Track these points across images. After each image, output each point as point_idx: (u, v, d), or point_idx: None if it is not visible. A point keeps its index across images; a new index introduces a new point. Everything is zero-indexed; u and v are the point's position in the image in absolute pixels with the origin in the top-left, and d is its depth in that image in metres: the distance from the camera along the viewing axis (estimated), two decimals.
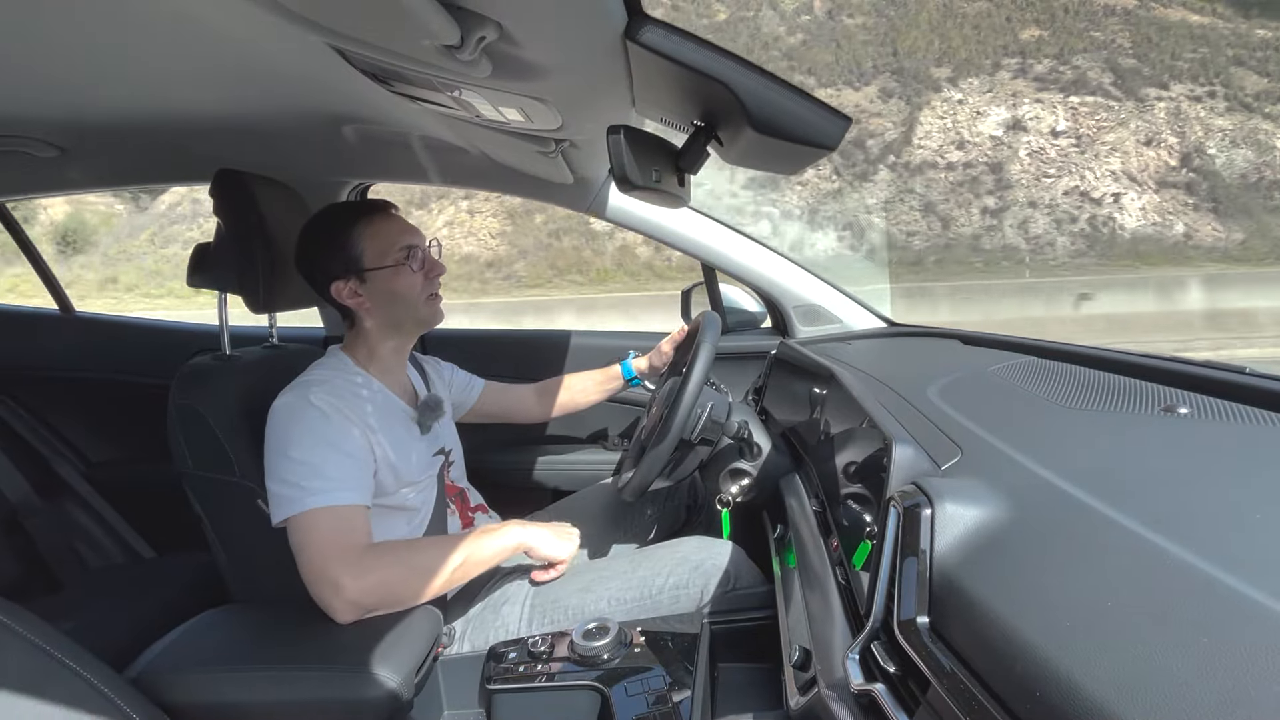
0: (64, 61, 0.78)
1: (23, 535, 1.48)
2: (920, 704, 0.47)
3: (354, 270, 1.01)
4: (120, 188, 1.92)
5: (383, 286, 1.02)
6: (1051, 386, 0.82)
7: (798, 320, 1.60)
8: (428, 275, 1.06)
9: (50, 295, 1.84)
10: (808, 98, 0.60)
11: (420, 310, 1.06)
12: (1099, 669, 0.34)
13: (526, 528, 1.05)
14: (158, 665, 0.85)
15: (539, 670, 0.90)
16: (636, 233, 1.55)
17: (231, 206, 1.06)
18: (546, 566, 1.07)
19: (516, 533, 1.03)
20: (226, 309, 1.18)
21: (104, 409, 1.79)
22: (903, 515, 0.56)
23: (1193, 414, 0.64)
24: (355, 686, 0.80)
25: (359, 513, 0.93)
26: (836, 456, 0.91)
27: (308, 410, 0.94)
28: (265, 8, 0.54)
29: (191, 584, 1.41)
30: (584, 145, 1.04)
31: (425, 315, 1.07)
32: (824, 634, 0.69)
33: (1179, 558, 0.39)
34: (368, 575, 0.88)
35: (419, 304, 1.05)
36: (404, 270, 1.02)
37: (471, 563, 0.97)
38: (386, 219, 1.04)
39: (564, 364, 1.59)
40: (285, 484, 0.91)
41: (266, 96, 0.98)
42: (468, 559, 0.96)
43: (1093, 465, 0.56)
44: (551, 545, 1.05)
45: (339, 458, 0.93)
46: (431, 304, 1.07)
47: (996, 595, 0.44)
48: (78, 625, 1.18)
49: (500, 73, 0.63)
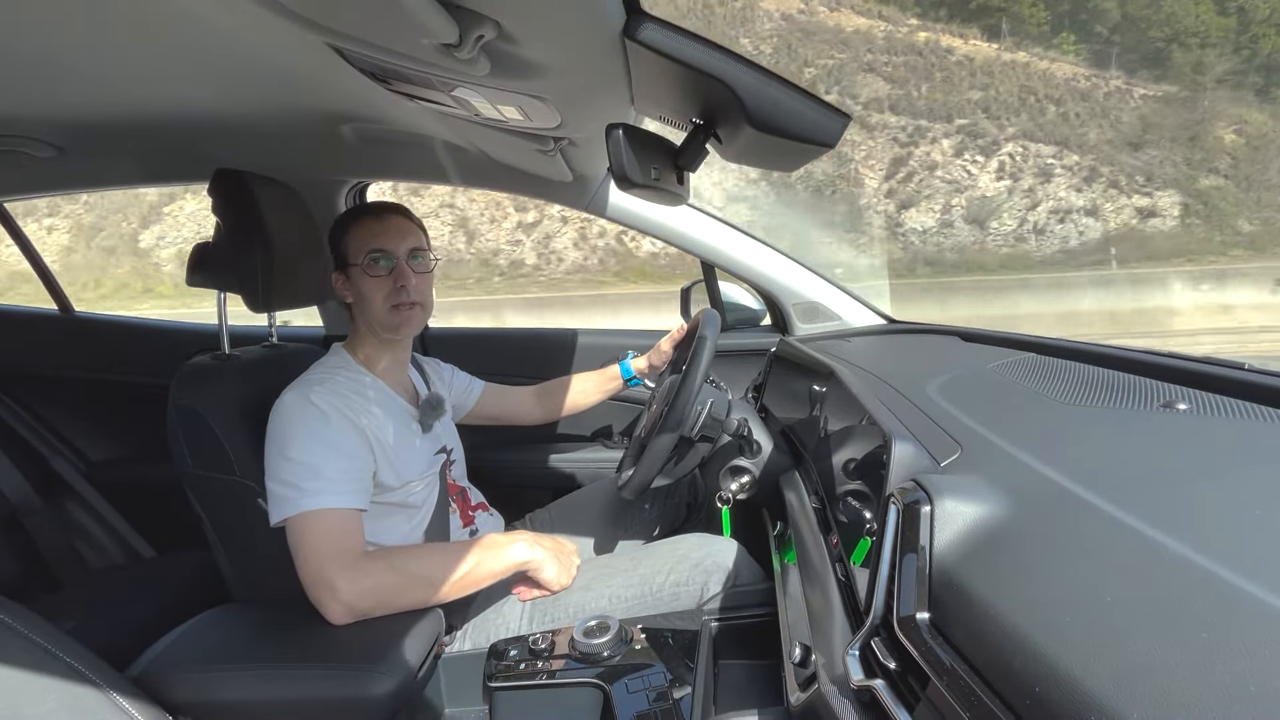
0: (62, 60, 0.78)
1: (23, 535, 1.49)
2: (920, 700, 0.47)
3: (340, 263, 1.06)
4: (119, 188, 1.93)
5: (356, 284, 1.05)
6: (1051, 383, 0.82)
7: (797, 318, 1.60)
8: (396, 284, 1.03)
9: (50, 295, 1.84)
10: (807, 95, 0.59)
11: (382, 316, 1.04)
12: (1098, 664, 0.34)
13: (533, 548, 1.03)
14: (158, 664, 0.85)
15: (540, 668, 0.90)
16: (636, 231, 1.55)
17: (230, 206, 1.05)
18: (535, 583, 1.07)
19: (522, 552, 1.02)
20: (226, 308, 1.18)
21: (104, 409, 1.79)
22: (902, 512, 0.56)
23: (1192, 410, 0.64)
24: (356, 685, 0.81)
25: (354, 517, 0.93)
26: (836, 454, 0.91)
27: (308, 410, 0.94)
28: (264, 6, 0.54)
29: (192, 583, 1.41)
30: (583, 143, 1.04)
31: (386, 321, 1.04)
32: (824, 631, 0.69)
33: (1178, 553, 0.39)
34: (363, 580, 0.89)
35: (380, 309, 1.04)
36: (370, 272, 1.03)
37: (473, 577, 0.96)
38: (373, 219, 1.05)
39: (564, 364, 1.59)
40: (284, 484, 0.91)
41: (265, 95, 0.97)
42: (469, 573, 0.96)
43: (1092, 461, 0.56)
44: (551, 573, 1.04)
45: (338, 459, 0.93)
46: (395, 314, 1.04)
47: (996, 591, 0.44)
48: (78, 624, 1.18)
49: (499, 71, 0.63)
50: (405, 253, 1.05)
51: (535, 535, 1.06)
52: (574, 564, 1.10)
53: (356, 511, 0.94)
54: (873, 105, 16.20)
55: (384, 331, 1.07)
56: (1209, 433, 0.60)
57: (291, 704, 0.82)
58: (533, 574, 1.04)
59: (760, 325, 1.72)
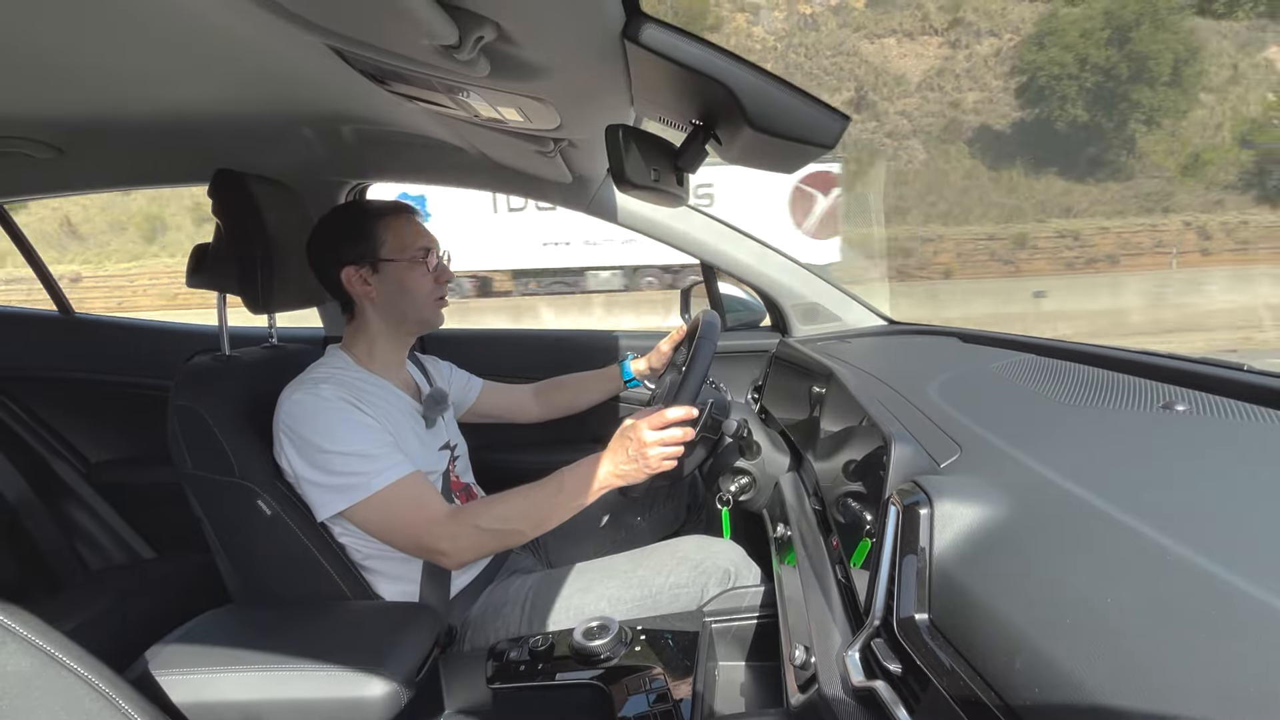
0: (60, 61, 0.78)
1: (23, 536, 1.48)
2: (920, 700, 0.47)
3: (369, 259, 1.04)
4: (119, 189, 1.93)
5: (394, 279, 1.05)
6: (1050, 384, 0.83)
7: (797, 319, 1.60)
8: (437, 279, 1.09)
9: (49, 296, 1.84)
10: (806, 96, 0.59)
11: (424, 309, 1.08)
12: (1097, 665, 0.34)
13: (619, 472, 0.96)
14: (158, 665, 0.85)
15: (540, 669, 0.90)
16: (635, 232, 1.55)
17: (230, 207, 1.06)
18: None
19: (611, 480, 0.97)
20: (226, 309, 1.18)
21: (103, 410, 1.79)
22: (902, 513, 0.56)
23: (1191, 411, 0.64)
24: (356, 685, 0.81)
25: (420, 478, 0.98)
26: (836, 455, 0.92)
27: (328, 402, 0.95)
28: (263, 7, 0.54)
29: (191, 584, 1.41)
30: (583, 144, 1.04)
31: (428, 315, 1.09)
32: (824, 632, 0.69)
33: (1177, 554, 0.39)
34: (461, 540, 0.95)
35: (425, 303, 1.08)
36: (418, 267, 1.06)
37: (563, 514, 0.98)
38: (410, 218, 1.09)
39: (563, 364, 1.59)
40: (336, 474, 0.93)
41: (264, 96, 0.97)
42: (559, 510, 0.97)
43: (1091, 462, 0.56)
44: (643, 479, 0.97)
45: (378, 435, 0.97)
46: (435, 306, 1.10)
47: (996, 592, 0.44)
48: (78, 626, 1.18)
49: (498, 73, 0.63)
50: (441, 250, 1.11)
51: (612, 452, 0.97)
52: (652, 455, 0.95)
53: (419, 473, 0.98)
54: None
55: (418, 326, 1.11)
56: (1208, 434, 0.60)
57: (291, 705, 0.82)
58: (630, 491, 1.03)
59: (760, 326, 1.72)
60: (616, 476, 0.96)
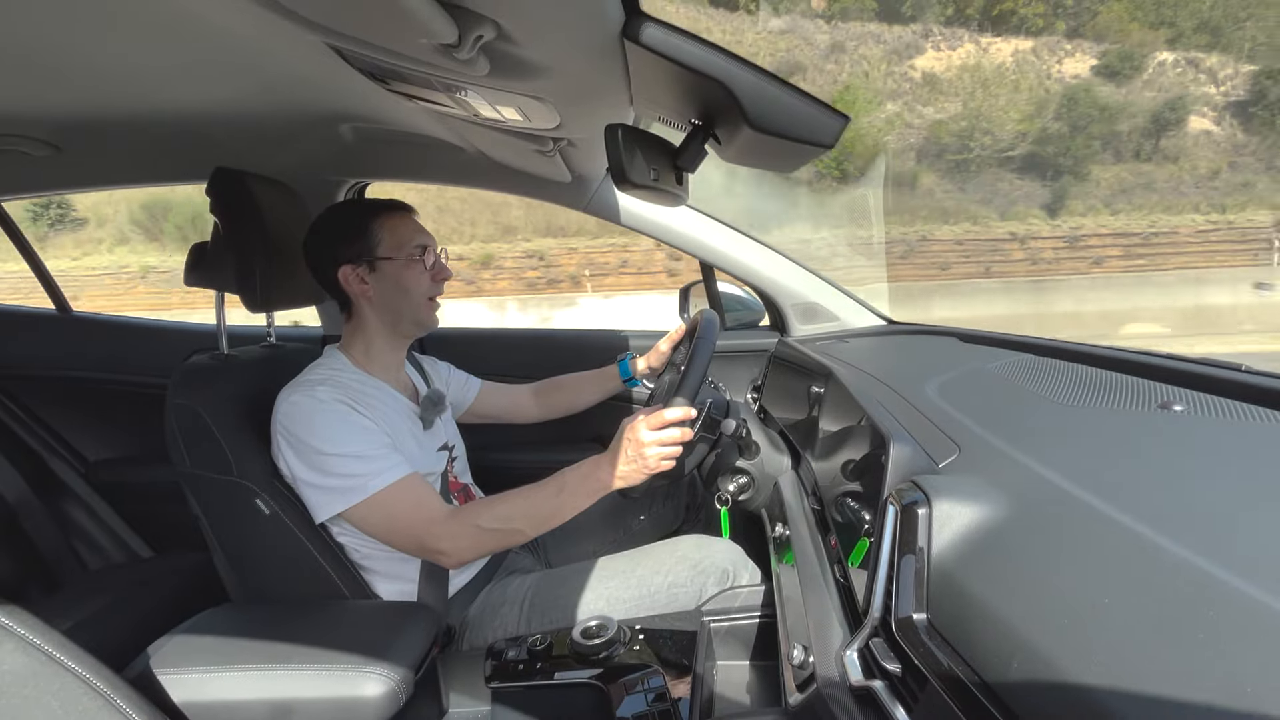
0: (58, 59, 0.78)
1: (21, 535, 1.48)
2: (918, 700, 0.47)
3: (366, 257, 1.03)
4: (117, 187, 1.92)
5: (391, 277, 1.04)
6: (1048, 384, 0.83)
7: (796, 318, 1.60)
8: (435, 277, 1.08)
9: (48, 295, 1.84)
10: (805, 96, 0.59)
11: (420, 309, 1.07)
12: (1095, 665, 0.34)
13: (618, 473, 0.95)
14: (156, 665, 0.84)
15: (539, 668, 0.90)
16: (636, 231, 1.55)
17: (229, 205, 1.05)
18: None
19: (606, 480, 0.95)
20: (224, 308, 1.17)
21: (102, 409, 1.78)
22: (900, 513, 0.56)
23: (1188, 411, 0.64)
24: (355, 685, 0.81)
25: (418, 479, 0.98)
26: (835, 455, 0.92)
27: (325, 405, 0.95)
28: (263, 6, 0.54)
29: (190, 584, 1.41)
30: (582, 144, 1.04)
31: (423, 316, 1.08)
32: (822, 631, 0.70)
33: (1175, 554, 0.39)
34: (461, 540, 0.95)
35: (420, 302, 1.07)
36: (416, 265, 1.05)
37: (562, 516, 0.97)
38: (407, 217, 1.08)
39: (562, 364, 1.59)
40: (334, 476, 0.93)
41: (264, 95, 0.97)
42: (557, 513, 0.96)
43: (1089, 462, 0.56)
44: (642, 480, 0.95)
45: (376, 437, 0.96)
46: (430, 307, 1.09)
47: (994, 592, 0.44)
48: (76, 625, 1.18)
49: (498, 72, 0.63)
50: (438, 249, 1.10)
51: (612, 453, 0.96)
52: (650, 455, 0.94)
53: (417, 474, 0.98)
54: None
55: (414, 327, 1.10)
56: (1205, 434, 0.60)
57: (289, 704, 0.82)
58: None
59: (759, 326, 1.73)
60: (617, 477, 0.96)
